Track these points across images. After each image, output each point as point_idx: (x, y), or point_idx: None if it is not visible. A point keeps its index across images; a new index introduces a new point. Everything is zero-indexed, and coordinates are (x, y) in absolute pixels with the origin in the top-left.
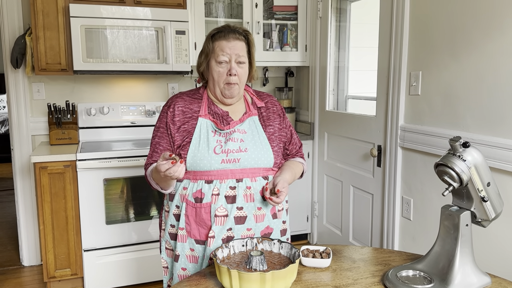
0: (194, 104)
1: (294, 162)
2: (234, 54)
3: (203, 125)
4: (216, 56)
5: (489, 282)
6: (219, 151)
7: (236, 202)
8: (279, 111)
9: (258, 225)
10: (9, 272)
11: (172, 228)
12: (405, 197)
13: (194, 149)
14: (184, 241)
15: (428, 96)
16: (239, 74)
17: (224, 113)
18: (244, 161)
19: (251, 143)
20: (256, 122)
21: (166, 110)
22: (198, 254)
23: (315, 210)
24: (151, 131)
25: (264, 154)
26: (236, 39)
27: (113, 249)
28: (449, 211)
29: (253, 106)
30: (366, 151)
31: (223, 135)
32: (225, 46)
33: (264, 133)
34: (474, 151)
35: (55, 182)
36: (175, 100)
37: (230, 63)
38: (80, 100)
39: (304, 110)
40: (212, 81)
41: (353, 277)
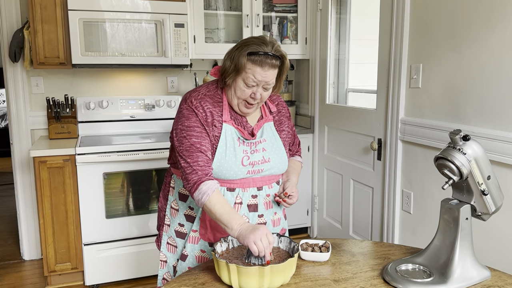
0: (217, 108)
1: (296, 163)
2: (263, 82)
3: (228, 132)
4: (245, 78)
5: (488, 275)
6: (246, 163)
7: (257, 211)
8: (287, 113)
9: (275, 229)
10: (9, 266)
11: (180, 227)
12: (405, 191)
13: (220, 158)
14: (195, 243)
15: (429, 89)
16: (262, 96)
17: (243, 119)
18: (266, 170)
19: (272, 152)
20: (272, 128)
21: (193, 110)
22: (209, 256)
23: (315, 204)
24: (151, 125)
25: (282, 162)
26: (271, 68)
27: (113, 243)
28: (449, 204)
29: (267, 110)
30: (366, 144)
31: (247, 144)
32: (258, 73)
33: (280, 139)
34: (474, 144)
35: (54, 176)
36: (200, 100)
37: (257, 86)
38: (79, 94)
39: (304, 103)
40: (233, 93)
41: (352, 271)
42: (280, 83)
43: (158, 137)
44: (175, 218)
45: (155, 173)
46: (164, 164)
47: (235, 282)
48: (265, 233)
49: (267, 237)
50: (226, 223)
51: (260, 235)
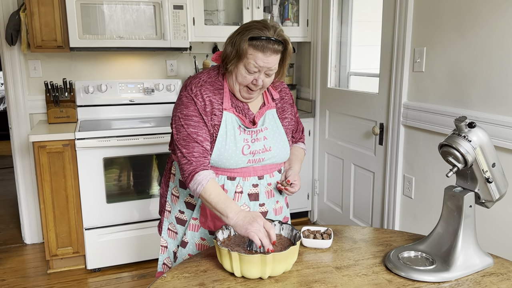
0: (217, 95)
1: (298, 149)
2: (266, 68)
3: (228, 120)
4: (247, 64)
5: (491, 263)
6: (247, 152)
7: (259, 200)
8: (290, 100)
9: (277, 218)
10: (11, 250)
11: (180, 214)
12: (406, 176)
13: (220, 147)
14: (195, 230)
15: (432, 73)
16: (264, 82)
17: (245, 106)
18: (268, 159)
19: (273, 140)
20: (274, 116)
21: (192, 98)
22: (209, 244)
23: (315, 188)
24: (150, 109)
25: (284, 151)
26: (273, 53)
27: (114, 228)
28: (452, 192)
29: (270, 97)
30: (368, 129)
31: (248, 132)
32: (260, 59)
33: (282, 127)
34: (479, 131)
35: (54, 161)
36: (200, 88)
37: (258, 73)
38: (77, 77)
39: (305, 87)
40: (235, 79)
41: (354, 258)
42: (283, 69)
43: (157, 122)
44: (175, 205)
45: (155, 158)
46: (164, 149)
47: (237, 270)
48: (262, 224)
49: (264, 227)
50: (222, 211)
51: (258, 227)
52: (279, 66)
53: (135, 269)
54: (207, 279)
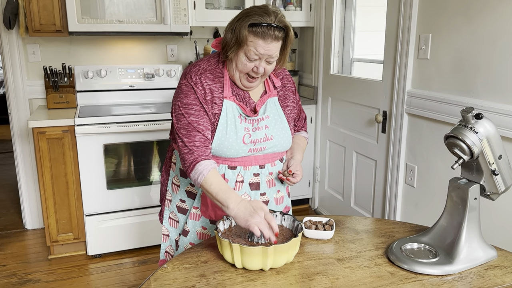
0: (217, 83)
1: (301, 138)
2: (266, 55)
3: (229, 108)
4: (247, 51)
5: (495, 255)
6: (248, 141)
7: (260, 189)
8: (292, 88)
9: (278, 207)
10: (12, 235)
11: (181, 203)
12: (409, 164)
13: (221, 136)
14: (196, 219)
15: (438, 61)
16: (266, 70)
17: (245, 95)
18: (269, 148)
19: (275, 129)
20: (276, 104)
21: (192, 86)
22: (210, 233)
23: (317, 175)
24: (150, 95)
25: (286, 140)
26: (274, 40)
27: (114, 214)
28: (457, 184)
29: (271, 85)
30: (370, 116)
31: (249, 121)
32: (260, 46)
33: (284, 116)
34: (487, 122)
35: (54, 147)
36: (200, 76)
37: (259, 60)
38: (76, 62)
39: (307, 73)
40: (235, 67)
41: (356, 249)
42: (285, 56)
43: (158, 108)
44: (176, 193)
45: (156, 144)
46: (165, 136)
47: (238, 261)
48: (263, 216)
49: (265, 218)
50: (223, 202)
51: (259, 219)
52: (281, 53)
53: (136, 255)
54: (208, 270)
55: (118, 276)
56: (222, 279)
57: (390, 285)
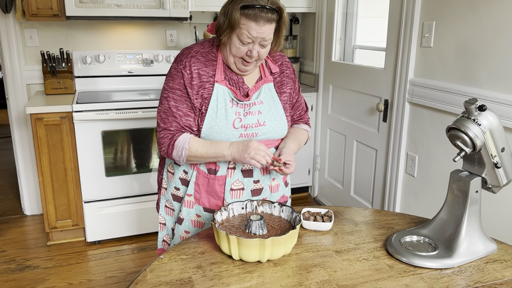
0: (209, 67)
1: (299, 130)
2: (260, 38)
3: (220, 93)
4: (240, 35)
5: (495, 249)
6: (238, 126)
7: (253, 176)
8: (291, 75)
9: (273, 195)
10: (11, 221)
11: (176, 191)
12: (410, 154)
13: (211, 120)
14: (190, 207)
15: (441, 49)
16: (260, 54)
17: (239, 80)
18: (262, 134)
19: (269, 115)
20: (271, 90)
21: (180, 70)
22: (204, 220)
23: (317, 164)
24: (149, 81)
25: (280, 127)
26: (266, 22)
27: (113, 201)
28: (458, 176)
29: (268, 71)
30: (372, 105)
31: (241, 106)
32: (253, 29)
33: (279, 102)
34: (490, 114)
35: (52, 133)
36: (190, 59)
37: (252, 43)
38: (74, 47)
39: (308, 60)
40: (229, 51)
41: (355, 241)
42: (279, 39)
43: (157, 94)
44: (171, 181)
45: (155, 132)
46: None
47: (235, 253)
48: (255, 146)
49: (259, 148)
50: (217, 155)
51: (253, 150)
52: (275, 36)
53: (135, 242)
54: (205, 262)
55: (117, 262)
56: (219, 271)
57: (389, 279)
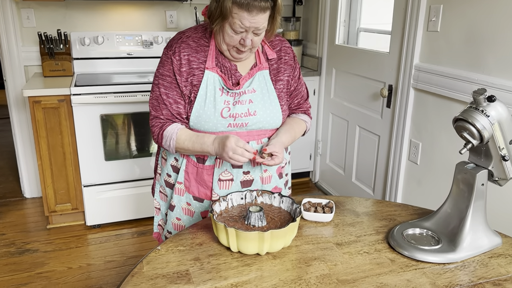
0: (200, 53)
1: (297, 120)
2: (253, 27)
3: (209, 80)
4: (232, 24)
5: (499, 243)
6: (226, 115)
7: (242, 167)
8: (291, 61)
9: (265, 187)
10: (11, 203)
11: (168, 177)
12: (413, 141)
13: (199, 108)
14: (181, 195)
15: (448, 34)
16: (254, 42)
17: (232, 67)
18: (252, 124)
19: (260, 104)
20: (266, 77)
21: (170, 56)
22: (194, 209)
23: (318, 149)
24: (149, 63)
25: (273, 116)
26: (260, 11)
27: (113, 185)
28: (464, 169)
29: (264, 57)
30: (376, 90)
31: (231, 94)
32: (245, 19)
33: (274, 90)
34: (499, 105)
35: (50, 117)
36: (180, 45)
37: (246, 32)
38: (72, 28)
39: (312, 43)
40: (222, 39)
41: (356, 233)
42: (274, 26)
43: None
44: (164, 167)
45: None
46: None
47: (233, 245)
48: (232, 146)
49: (236, 145)
50: (202, 150)
51: (230, 149)
52: (269, 23)
53: (134, 226)
54: (203, 253)
55: (117, 247)
56: (217, 263)
57: (390, 273)
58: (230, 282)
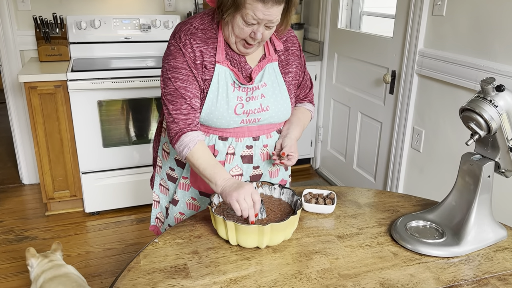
0: (210, 45)
1: (303, 111)
2: (266, 20)
3: (221, 75)
4: (244, 15)
5: (505, 235)
6: (240, 112)
7: (252, 162)
8: (297, 51)
9: (273, 180)
10: (9, 190)
11: (171, 171)
12: (416, 128)
13: (211, 105)
14: (186, 190)
15: (454, 18)
16: (264, 35)
17: (241, 59)
18: (264, 120)
19: (272, 99)
20: (276, 70)
21: (181, 48)
22: (200, 204)
23: (319, 135)
24: (147, 47)
25: (284, 110)
26: (275, 4)
27: (111, 172)
28: (470, 160)
29: (272, 48)
30: (378, 76)
31: (243, 90)
32: (259, 10)
33: (284, 83)
34: (508, 95)
35: (46, 103)
36: (190, 37)
37: (257, 25)
38: (68, 12)
39: (313, 27)
40: (231, 31)
41: (358, 225)
42: (288, 20)
43: (155, 61)
44: (166, 161)
45: (154, 101)
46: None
47: (232, 238)
48: (249, 192)
49: (251, 196)
50: (210, 178)
51: (244, 194)
52: (283, 16)
53: (134, 213)
54: (201, 247)
55: (116, 234)
56: (216, 257)
57: (393, 268)
58: (229, 277)
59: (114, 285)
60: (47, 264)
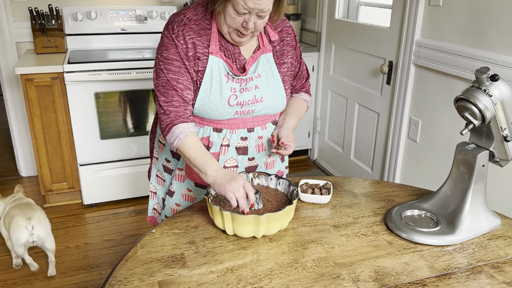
0: (203, 37)
1: (299, 101)
2: (257, 9)
3: (214, 66)
4: (235, 4)
5: (499, 224)
6: (233, 103)
7: (247, 154)
8: (292, 42)
9: (269, 172)
10: (7, 182)
11: (167, 163)
12: (413, 118)
13: (204, 96)
14: (181, 181)
15: (451, 8)
16: (257, 25)
17: (235, 50)
18: (259, 111)
19: (266, 90)
20: (270, 61)
21: (173, 39)
22: (195, 195)
23: (317, 126)
24: (143, 38)
25: (279, 102)
26: None
27: (109, 164)
28: (465, 149)
29: (266, 38)
30: (375, 66)
31: (237, 81)
32: (250, 0)
33: (278, 74)
34: (502, 84)
35: (43, 95)
36: (183, 28)
37: (249, 14)
38: (64, 3)
39: (310, 17)
40: (223, 21)
41: (354, 215)
42: (281, 9)
43: (151, 52)
44: (162, 152)
45: (151, 93)
46: None
47: (229, 228)
48: (241, 183)
49: (243, 187)
50: (200, 168)
51: (237, 185)
52: (275, 5)
53: (132, 204)
54: (198, 236)
55: (114, 226)
56: (212, 247)
57: (388, 256)
58: (225, 266)
59: (112, 275)
60: (10, 199)
